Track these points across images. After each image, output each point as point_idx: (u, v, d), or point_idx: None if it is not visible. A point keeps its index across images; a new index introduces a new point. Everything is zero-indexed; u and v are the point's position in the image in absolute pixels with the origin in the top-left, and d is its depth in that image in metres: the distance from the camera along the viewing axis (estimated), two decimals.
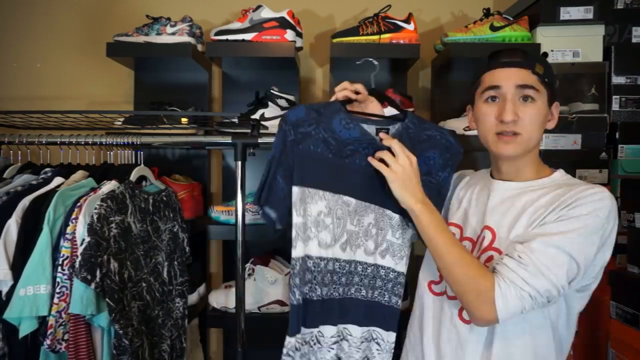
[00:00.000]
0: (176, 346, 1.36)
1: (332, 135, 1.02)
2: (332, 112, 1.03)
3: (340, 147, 1.03)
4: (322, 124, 1.02)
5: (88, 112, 1.34)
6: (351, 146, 1.03)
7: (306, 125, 1.01)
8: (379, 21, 1.59)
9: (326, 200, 1.03)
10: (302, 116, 1.02)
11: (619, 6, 1.61)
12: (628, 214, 1.45)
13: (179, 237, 1.43)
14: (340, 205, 1.04)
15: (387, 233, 1.08)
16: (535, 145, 0.99)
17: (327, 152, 1.02)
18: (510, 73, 0.95)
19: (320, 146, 1.02)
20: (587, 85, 1.61)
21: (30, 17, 1.90)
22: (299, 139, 1.01)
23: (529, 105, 0.95)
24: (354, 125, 1.04)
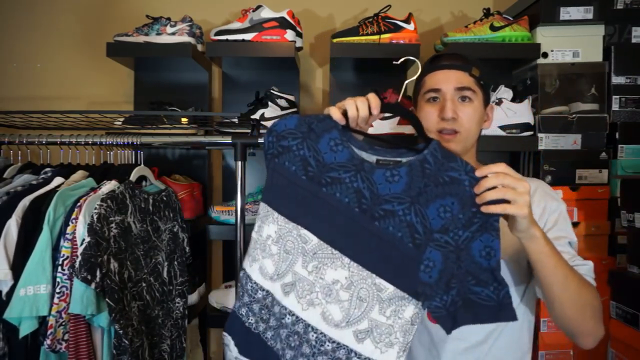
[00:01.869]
0: (176, 346, 1.36)
1: (315, 155, 0.84)
2: (324, 129, 0.85)
3: (319, 171, 0.84)
4: (308, 140, 0.85)
5: (88, 112, 1.34)
6: (333, 172, 0.83)
7: (290, 139, 0.86)
8: (379, 21, 1.59)
9: (277, 226, 0.84)
10: (291, 127, 0.87)
11: (618, 6, 1.61)
12: (628, 214, 1.45)
13: (179, 237, 1.43)
14: (294, 238, 0.83)
15: (370, 308, 0.78)
16: (473, 143, 1.06)
17: (301, 173, 0.84)
18: (450, 76, 1.02)
19: (296, 165, 0.85)
20: (587, 85, 1.61)
21: (30, 17, 1.91)
22: (277, 152, 0.87)
23: (467, 104, 1.01)
24: (342, 147, 0.84)
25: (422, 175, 0.80)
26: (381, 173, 0.81)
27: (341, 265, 0.80)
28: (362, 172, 0.82)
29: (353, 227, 0.80)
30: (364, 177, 0.81)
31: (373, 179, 0.81)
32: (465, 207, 0.78)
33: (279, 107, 1.61)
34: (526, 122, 1.54)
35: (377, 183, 0.81)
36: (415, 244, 0.77)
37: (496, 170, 0.77)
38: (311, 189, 0.83)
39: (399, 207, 0.79)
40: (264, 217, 0.87)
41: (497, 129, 1.53)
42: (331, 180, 0.83)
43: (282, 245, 0.84)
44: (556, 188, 1.57)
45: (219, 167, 1.88)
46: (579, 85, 1.61)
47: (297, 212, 0.84)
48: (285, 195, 0.85)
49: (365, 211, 0.80)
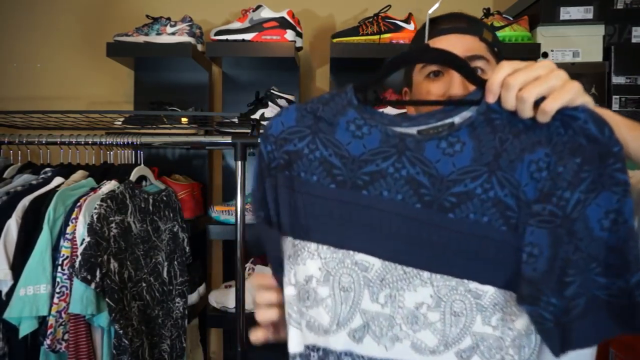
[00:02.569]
0: (176, 346, 1.36)
1: (337, 151, 0.62)
2: (336, 112, 0.63)
3: (352, 171, 0.62)
4: (320, 133, 0.63)
5: (88, 112, 1.35)
6: (369, 166, 0.61)
7: (296, 140, 0.63)
8: (379, 21, 1.59)
9: (321, 259, 0.61)
10: (292, 124, 0.64)
11: (619, 6, 1.61)
12: None
13: (179, 237, 1.43)
14: (349, 269, 0.61)
15: (471, 321, 0.59)
16: None
17: (327, 181, 0.62)
18: (456, 42, 0.78)
19: (317, 172, 0.62)
20: (587, 85, 1.61)
21: (30, 17, 1.91)
22: (284, 163, 0.63)
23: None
24: (368, 128, 0.62)
25: (493, 130, 0.58)
26: (433, 146, 0.59)
27: (421, 283, 0.59)
28: (408, 152, 0.60)
29: (421, 229, 0.59)
30: (413, 158, 0.60)
31: (426, 158, 0.59)
32: (564, 157, 0.55)
33: (279, 107, 1.61)
34: None
35: (434, 161, 0.59)
36: (509, 225, 0.56)
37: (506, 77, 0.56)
38: (348, 198, 0.61)
39: (474, 184, 0.58)
40: (292, 257, 0.62)
41: None
42: (370, 177, 0.61)
43: (334, 284, 0.61)
44: None
45: (219, 167, 1.88)
46: None
47: (342, 234, 0.61)
48: (317, 217, 0.62)
49: (431, 203, 0.59)
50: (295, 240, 0.62)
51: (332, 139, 0.63)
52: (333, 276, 0.61)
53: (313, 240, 0.61)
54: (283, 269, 0.63)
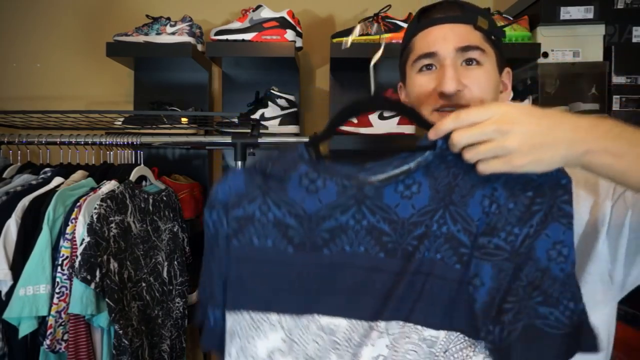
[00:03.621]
0: (176, 346, 1.36)
1: (291, 209, 0.59)
2: (287, 169, 0.59)
3: (309, 230, 0.58)
4: (271, 193, 0.59)
5: (88, 112, 1.34)
6: (327, 222, 0.58)
7: (245, 203, 0.59)
8: (379, 21, 1.59)
9: (284, 330, 0.58)
10: (239, 187, 0.60)
11: (619, 6, 1.61)
12: None
13: (179, 237, 1.43)
14: (315, 335, 0.57)
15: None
16: None
17: (284, 245, 0.58)
18: (448, 32, 0.72)
19: (272, 235, 0.58)
20: (587, 85, 1.61)
21: (30, 17, 1.90)
22: (234, 231, 0.59)
23: (474, 69, 0.71)
24: (323, 182, 0.59)
25: (447, 166, 0.57)
26: (391, 190, 0.58)
27: (378, 335, 0.55)
28: (368, 201, 0.58)
29: (385, 279, 0.56)
30: (373, 206, 0.58)
31: (385, 204, 0.58)
32: (515, 192, 0.55)
33: (279, 107, 1.61)
34: None
35: (393, 206, 0.57)
36: (462, 261, 0.55)
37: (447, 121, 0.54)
38: (309, 260, 0.58)
39: (431, 222, 0.56)
40: (248, 331, 0.58)
41: None
42: (330, 233, 0.58)
43: (299, 353, 0.57)
44: None
45: (219, 167, 1.88)
46: (580, 85, 1.61)
47: (304, 299, 0.58)
48: (276, 286, 0.58)
49: (394, 251, 0.57)
50: (252, 313, 0.58)
51: (285, 198, 0.59)
52: (298, 345, 0.57)
53: (273, 311, 0.58)
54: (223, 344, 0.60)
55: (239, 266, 0.59)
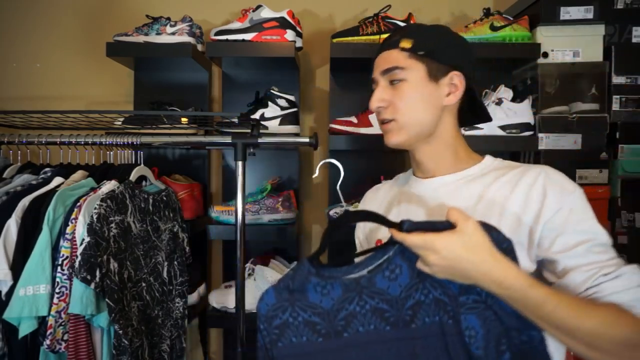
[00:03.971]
0: (176, 346, 1.36)
1: (314, 310, 0.77)
2: (303, 282, 0.78)
3: (330, 322, 0.76)
4: (297, 302, 0.78)
5: (88, 112, 1.34)
6: (342, 312, 0.76)
7: (280, 313, 0.78)
8: (379, 21, 1.59)
9: None
10: (273, 302, 0.79)
11: (619, 6, 1.61)
12: (628, 214, 1.44)
13: (179, 237, 1.43)
14: None
15: None
16: (431, 127, 0.88)
17: (314, 337, 0.76)
18: (380, 60, 0.89)
19: (305, 332, 0.76)
20: (587, 85, 1.61)
21: (30, 17, 1.90)
22: (276, 336, 0.78)
23: (399, 86, 0.86)
24: (330, 286, 0.77)
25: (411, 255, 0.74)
26: (381, 277, 0.75)
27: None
28: (365, 290, 0.76)
29: (394, 345, 0.73)
30: (370, 292, 0.75)
31: (379, 288, 0.75)
32: None
33: (279, 107, 1.61)
34: (526, 122, 1.54)
35: (385, 288, 0.74)
36: (452, 317, 0.70)
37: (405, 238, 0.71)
38: (335, 344, 0.75)
39: (417, 294, 0.73)
40: None
41: (497, 128, 1.53)
42: (345, 321, 0.75)
43: None
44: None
45: (219, 167, 1.88)
46: (579, 85, 1.61)
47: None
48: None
49: (396, 322, 0.73)
50: None
51: (307, 303, 0.78)
52: None
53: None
54: None
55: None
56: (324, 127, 1.85)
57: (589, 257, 0.74)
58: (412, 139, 0.89)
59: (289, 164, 1.84)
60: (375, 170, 1.75)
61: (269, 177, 1.79)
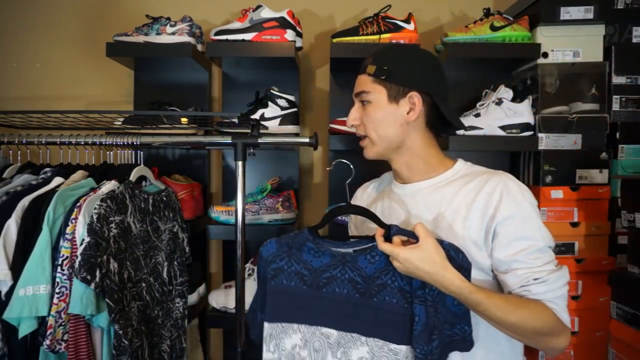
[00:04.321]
0: (176, 346, 1.36)
1: (305, 266, 0.98)
2: (301, 243, 1.00)
3: (315, 277, 0.97)
4: (293, 256, 1.00)
5: (88, 112, 1.34)
6: (325, 273, 0.97)
7: (278, 260, 1.00)
8: (379, 21, 1.59)
9: (301, 333, 0.97)
10: (274, 251, 1.02)
11: (619, 6, 1.61)
12: (628, 214, 1.44)
13: (179, 237, 1.43)
14: (319, 337, 0.96)
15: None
16: (398, 141, 1.02)
17: (301, 284, 0.98)
18: (356, 82, 1.05)
19: (294, 279, 0.98)
20: (588, 85, 1.61)
21: (30, 17, 1.90)
22: (272, 275, 1.00)
23: (367, 107, 1.02)
24: (321, 252, 0.98)
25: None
26: (363, 258, 0.94)
27: (361, 344, 0.92)
28: (348, 264, 0.95)
29: (359, 309, 0.93)
30: (351, 267, 0.95)
31: (359, 266, 0.94)
32: None
33: (279, 107, 1.61)
34: (526, 122, 1.54)
35: (364, 267, 0.94)
36: (408, 302, 0.89)
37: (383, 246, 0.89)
38: (315, 294, 0.96)
39: (386, 278, 0.92)
40: (280, 334, 0.98)
41: (497, 129, 1.53)
42: (326, 280, 0.96)
43: (310, 347, 0.96)
44: (556, 188, 1.57)
45: (219, 167, 1.88)
46: (580, 85, 1.61)
47: (312, 316, 0.96)
48: (296, 307, 0.97)
49: (364, 293, 0.93)
50: (282, 323, 0.98)
51: (301, 259, 0.99)
52: (309, 342, 0.96)
53: (295, 322, 0.97)
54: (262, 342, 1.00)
55: (275, 296, 1.00)
56: (324, 127, 1.85)
57: (527, 262, 0.92)
58: (383, 152, 1.04)
59: (289, 164, 1.84)
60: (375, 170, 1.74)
61: (269, 177, 1.79)
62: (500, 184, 0.96)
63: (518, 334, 0.91)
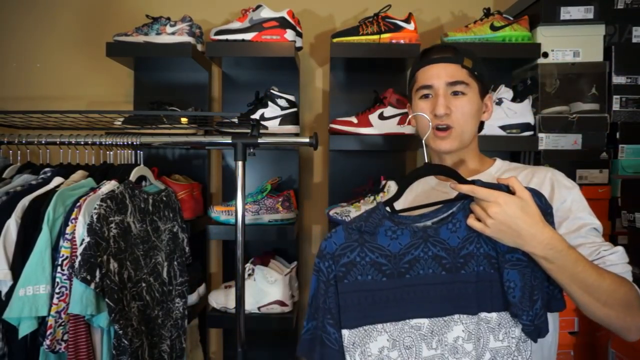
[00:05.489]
0: (176, 346, 1.36)
1: (382, 252, 0.85)
2: (375, 225, 0.86)
3: (395, 264, 0.85)
4: (366, 243, 0.86)
5: (88, 112, 1.34)
6: (407, 257, 0.85)
7: (348, 253, 0.85)
8: (379, 21, 1.59)
9: (387, 333, 0.85)
10: (342, 242, 0.86)
11: (619, 6, 1.61)
12: (628, 214, 1.44)
13: (179, 237, 1.43)
14: (408, 333, 0.85)
15: (488, 341, 0.85)
16: (472, 137, 1.03)
17: (379, 277, 0.85)
18: (440, 70, 0.99)
19: (371, 272, 0.85)
20: (588, 85, 1.61)
21: (30, 17, 1.90)
22: (342, 274, 0.85)
23: (460, 98, 0.98)
24: (400, 231, 0.86)
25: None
26: (444, 228, 0.86)
27: (454, 324, 0.85)
28: (430, 239, 0.86)
29: (448, 288, 0.85)
30: (434, 241, 0.86)
31: (441, 238, 0.86)
32: None
33: (278, 107, 1.61)
34: (526, 122, 1.54)
35: (447, 239, 0.86)
36: (495, 268, 0.84)
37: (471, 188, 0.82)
38: (396, 284, 0.85)
39: (471, 247, 0.85)
40: (363, 340, 0.85)
41: (498, 128, 1.53)
42: (409, 264, 0.85)
43: (400, 346, 0.85)
44: None
45: (219, 167, 1.88)
46: (580, 85, 1.61)
47: (398, 310, 0.85)
48: (377, 305, 0.85)
49: (450, 268, 0.85)
50: (364, 327, 0.84)
51: (376, 245, 0.86)
52: (398, 341, 0.85)
53: (378, 322, 0.85)
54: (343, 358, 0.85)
55: (351, 296, 0.85)
56: (324, 127, 1.85)
57: (590, 238, 0.89)
58: (460, 146, 1.01)
59: (289, 164, 1.84)
60: (375, 170, 1.75)
61: (269, 177, 1.79)
62: (548, 174, 0.96)
63: (609, 305, 0.81)
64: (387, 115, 1.58)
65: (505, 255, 0.82)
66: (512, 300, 0.81)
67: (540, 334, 0.82)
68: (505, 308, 0.84)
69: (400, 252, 0.86)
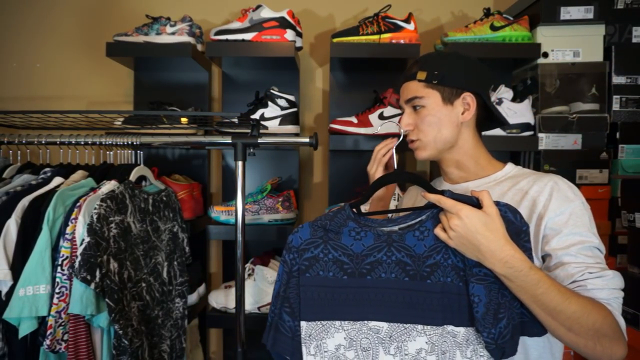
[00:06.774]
0: (176, 346, 1.36)
1: (345, 251, 0.87)
2: (339, 225, 0.88)
3: (357, 264, 0.86)
4: (330, 241, 0.88)
5: (88, 112, 1.34)
6: (369, 258, 0.86)
7: (312, 248, 0.88)
8: (379, 21, 1.59)
9: (345, 332, 0.85)
10: (307, 237, 0.89)
11: (619, 6, 1.61)
12: (628, 214, 1.44)
13: (179, 237, 1.43)
14: (366, 334, 0.85)
15: (454, 356, 0.82)
16: (452, 142, 1.02)
17: (340, 274, 0.86)
18: (404, 89, 1.05)
19: (332, 269, 0.87)
20: (588, 85, 1.61)
21: (30, 17, 1.90)
22: (305, 267, 0.87)
23: (420, 112, 1.02)
24: (364, 233, 0.88)
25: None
26: (411, 235, 0.86)
27: (417, 334, 0.83)
28: (394, 244, 0.86)
29: (411, 295, 0.84)
30: (398, 247, 0.86)
31: (407, 245, 0.85)
32: None
33: (278, 107, 1.61)
34: (526, 122, 1.54)
35: (412, 246, 0.85)
36: (463, 281, 0.83)
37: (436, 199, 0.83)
38: (357, 284, 0.86)
39: (438, 257, 0.84)
40: (320, 334, 0.86)
41: (498, 128, 1.53)
42: (370, 266, 0.86)
43: (357, 347, 0.85)
44: None
45: (219, 167, 1.88)
46: (580, 85, 1.61)
47: (357, 310, 0.85)
48: (336, 302, 0.86)
49: (415, 275, 0.84)
50: (322, 321, 0.86)
51: (340, 244, 0.88)
52: (355, 341, 0.85)
53: (337, 319, 0.86)
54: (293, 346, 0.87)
55: (311, 290, 0.87)
56: (324, 127, 1.85)
57: (579, 258, 0.85)
58: (436, 153, 1.04)
59: (289, 164, 1.84)
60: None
61: (269, 177, 1.79)
62: (550, 183, 0.93)
63: (575, 332, 0.78)
64: (387, 115, 1.58)
65: (472, 268, 0.81)
66: (475, 315, 0.80)
67: (505, 355, 0.79)
68: (473, 324, 0.81)
69: (362, 253, 0.86)
